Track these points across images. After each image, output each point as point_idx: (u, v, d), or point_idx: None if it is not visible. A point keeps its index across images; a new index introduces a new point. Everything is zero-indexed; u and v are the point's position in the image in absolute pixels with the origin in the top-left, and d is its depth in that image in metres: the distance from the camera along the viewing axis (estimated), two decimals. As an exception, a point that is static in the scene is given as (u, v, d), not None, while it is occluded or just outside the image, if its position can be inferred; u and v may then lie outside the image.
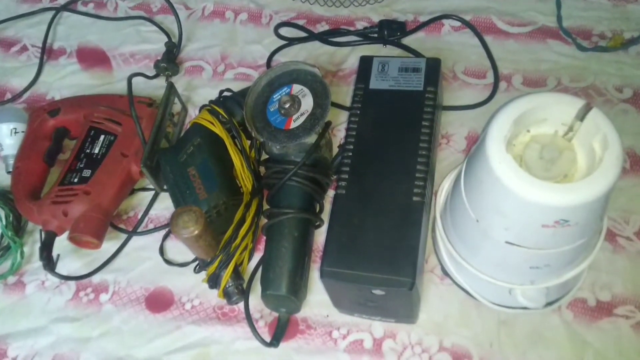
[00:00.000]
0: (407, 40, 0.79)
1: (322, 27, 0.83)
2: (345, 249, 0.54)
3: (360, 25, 0.82)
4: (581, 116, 0.46)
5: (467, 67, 0.76)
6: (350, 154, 0.59)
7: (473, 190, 0.50)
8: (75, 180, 0.68)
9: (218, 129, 0.68)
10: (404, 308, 0.57)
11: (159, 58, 0.81)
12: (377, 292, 0.53)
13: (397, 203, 0.55)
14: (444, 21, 0.80)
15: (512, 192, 0.44)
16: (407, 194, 0.56)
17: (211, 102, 0.72)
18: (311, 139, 0.64)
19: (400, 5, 0.83)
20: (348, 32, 0.81)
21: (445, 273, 0.63)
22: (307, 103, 0.65)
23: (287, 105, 0.64)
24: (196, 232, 0.53)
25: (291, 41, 0.81)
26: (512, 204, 0.45)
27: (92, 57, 0.86)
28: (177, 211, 0.53)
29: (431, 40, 0.79)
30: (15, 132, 0.76)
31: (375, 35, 0.79)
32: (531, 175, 0.44)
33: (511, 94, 0.73)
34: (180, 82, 0.80)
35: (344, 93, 0.76)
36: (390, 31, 0.78)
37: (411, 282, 0.51)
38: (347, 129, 0.62)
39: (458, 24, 0.79)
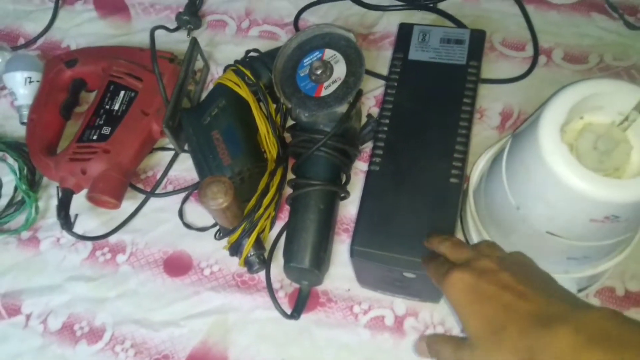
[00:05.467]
0: (443, 5, 0.75)
1: (353, -14, 0.79)
2: (377, 228, 0.52)
3: (394, -14, 0.77)
4: (641, 107, 0.44)
5: (506, 37, 0.72)
6: (386, 128, 0.57)
7: (516, 176, 0.48)
8: (95, 137, 0.65)
9: (244, 92, 0.66)
10: (431, 290, 0.55)
11: (181, 10, 0.78)
12: (408, 274, 0.51)
13: (433, 183, 0.53)
14: (484, -14, 0.76)
15: (565, 185, 0.42)
16: (444, 174, 0.53)
17: (237, 62, 0.68)
18: (342, 108, 0.61)
19: (438, -33, 0.78)
20: (381, -7, 0.77)
21: (472, 254, 0.61)
22: (340, 70, 0.62)
23: (318, 72, 0.61)
24: (225, 204, 0.51)
25: (321, -1, 0.77)
26: (562, 196, 0.43)
27: (110, 5, 0.82)
28: (207, 181, 0.51)
29: (469, 7, 0.75)
30: (30, 82, 0.73)
31: (410, -3, 0.75)
32: (586, 169, 0.41)
33: (551, 69, 0.70)
34: (202, 37, 0.76)
35: (373, 58, 0.73)
36: (427, -6, 0.74)
37: (445, 267, 0.50)
38: (383, 102, 0.59)
39: (498, -10, 0.75)
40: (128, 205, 0.68)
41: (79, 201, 0.67)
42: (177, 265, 0.65)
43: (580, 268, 0.52)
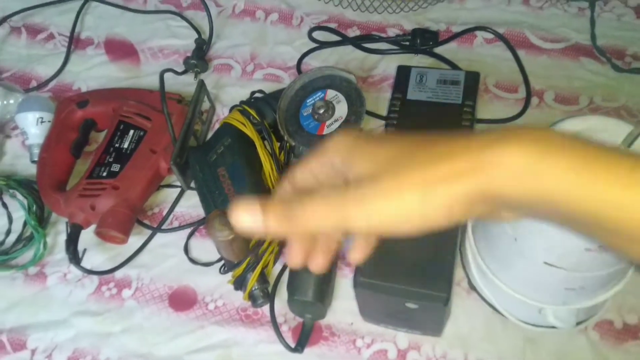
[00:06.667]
0: (438, 50, 0.79)
1: (353, 32, 0.83)
2: (379, 260, 0.53)
3: (391, 32, 0.81)
4: (629, 141, 0.46)
5: (499, 80, 0.76)
6: (387, 164, 0.59)
7: (513, 209, 0.50)
8: (104, 174, 0.67)
9: (249, 130, 0.68)
10: (433, 322, 0.57)
11: (188, 54, 0.81)
12: (411, 305, 0.52)
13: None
14: (477, 33, 0.80)
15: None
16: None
17: (242, 102, 0.71)
18: (344, 145, 0.64)
19: (433, 15, 0.82)
20: (380, 39, 0.80)
21: (472, 287, 0.63)
22: (342, 109, 0.64)
23: (321, 111, 0.64)
24: (232, 236, 0.53)
25: (322, 44, 0.81)
26: (558, 229, 0.45)
27: (120, 49, 0.85)
28: (214, 213, 0.53)
29: (463, 51, 0.79)
30: (42, 122, 0.75)
31: (407, 43, 0.79)
32: (579, 199, 0.43)
33: (543, 110, 0.73)
34: (208, 80, 0.79)
35: (373, 99, 0.76)
36: (423, 40, 0.78)
37: (446, 297, 0.51)
38: (384, 139, 0.62)
39: (491, 36, 0.79)
40: (134, 240, 0.69)
41: (85, 237, 0.68)
42: (181, 300, 0.66)
43: (578, 299, 0.54)
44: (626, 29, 0.78)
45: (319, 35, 0.82)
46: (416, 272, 0.52)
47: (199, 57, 0.80)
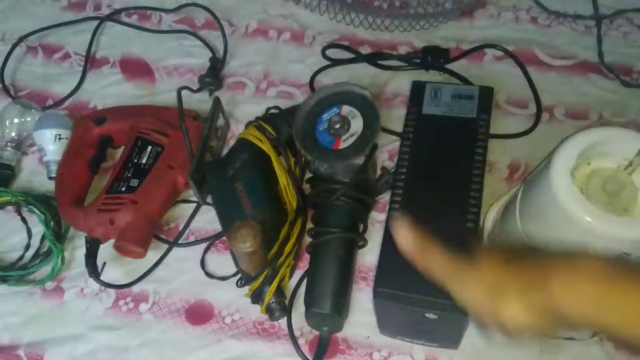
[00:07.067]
0: (449, 68, 0.80)
1: (364, 50, 0.84)
2: (398, 270, 0.54)
3: (402, 50, 0.83)
4: (644, 153, 0.47)
5: (510, 96, 0.77)
6: (404, 176, 0.60)
7: (531, 220, 0.51)
8: (123, 189, 0.68)
9: (265, 146, 0.69)
10: (451, 333, 0.57)
11: (203, 72, 0.83)
12: (430, 316, 0.53)
13: (450, 228, 0.56)
14: (487, 50, 0.81)
15: (578, 224, 0.45)
16: (460, 219, 0.56)
17: (258, 118, 0.73)
18: (359, 160, 0.65)
19: (443, 33, 0.84)
20: (391, 57, 0.82)
21: (488, 299, 0.63)
22: (357, 124, 0.66)
23: (337, 126, 0.65)
24: (253, 247, 0.54)
25: (336, 62, 0.83)
26: (577, 235, 0.46)
27: (136, 68, 0.87)
28: (237, 225, 0.54)
29: (474, 68, 0.80)
30: (59, 139, 0.77)
31: (419, 60, 0.81)
32: (598, 208, 0.44)
33: (553, 125, 0.74)
34: (222, 97, 0.80)
35: (385, 116, 0.77)
36: (434, 57, 0.80)
37: (466, 307, 0.52)
38: (400, 152, 0.63)
39: (500, 53, 0.81)
40: (151, 255, 0.70)
41: (102, 252, 0.68)
42: (198, 314, 0.67)
43: (595, 309, 0.54)
44: (632, 47, 0.80)
45: (331, 53, 0.84)
46: (435, 283, 0.52)
47: (214, 76, 0.82)
